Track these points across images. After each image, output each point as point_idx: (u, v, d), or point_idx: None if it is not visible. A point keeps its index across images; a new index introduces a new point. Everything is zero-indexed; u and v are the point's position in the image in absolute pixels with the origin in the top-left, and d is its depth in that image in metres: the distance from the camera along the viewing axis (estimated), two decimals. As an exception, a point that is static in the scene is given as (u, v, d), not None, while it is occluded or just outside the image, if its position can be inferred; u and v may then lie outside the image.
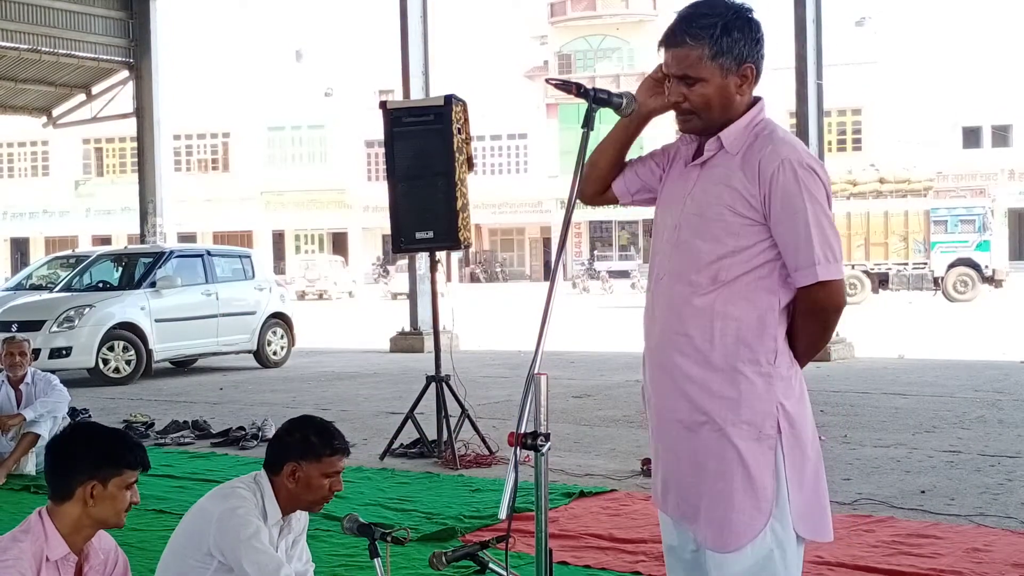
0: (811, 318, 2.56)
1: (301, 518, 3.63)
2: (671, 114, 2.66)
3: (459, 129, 7.53)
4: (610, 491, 6.34)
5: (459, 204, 7.47)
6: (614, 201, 2.84)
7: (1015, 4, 38.18)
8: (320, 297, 41.08)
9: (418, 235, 7.63)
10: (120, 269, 14.90)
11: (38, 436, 7.13)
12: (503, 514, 2.29)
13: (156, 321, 13.47)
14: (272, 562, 3.30)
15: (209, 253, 15.03)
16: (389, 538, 3.54)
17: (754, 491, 2.53)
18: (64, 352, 12.75)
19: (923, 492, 6.18)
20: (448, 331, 10.01)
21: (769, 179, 2.49)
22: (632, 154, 2.84)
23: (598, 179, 2.79)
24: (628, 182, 2.80)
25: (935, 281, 28.88)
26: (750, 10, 2.57)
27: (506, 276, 51.73)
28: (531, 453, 2.36)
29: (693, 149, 2.69)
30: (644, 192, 2.80)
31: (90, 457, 3.05)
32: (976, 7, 41.53)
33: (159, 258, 14.26)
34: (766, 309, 2.55)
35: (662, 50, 2.60)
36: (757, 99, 2.63)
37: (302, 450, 3.42)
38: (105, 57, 20.13)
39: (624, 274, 43.87)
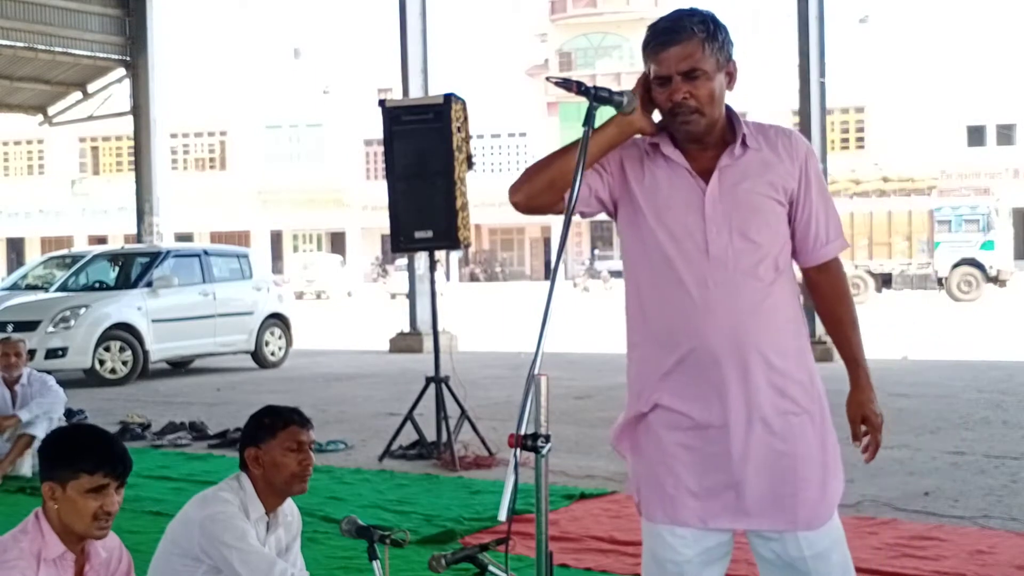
0: (842, 287, 2.77)
1: (292, 521, 3.61)
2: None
3: (459, 127, 7.49)
4: (611, 493, 6.30)
5: (459, 203, 7.43)
6: (559, 212, 2.65)
7: (1020, 2, 38.09)
8: (318, 297, 41.02)
9: (417, 234, 7.59)
10: (116, 269, 14.86)
11: (33, 437, 7.08)
12: (503, 516, 2.28)
13: (153, 321, 13.43)
14: (263, 561, 3.28)
15: (206, 253, 15.01)
16: (388, 540, 3.51)
17: (834, 462, 2.75)
18: (60, 353, 12.70)
19: (927, 494, 6.13)
20: (447, 331, 9.97)
21: (804, 161, 2.70)
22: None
23: (564, 188, 2.59)
24: (583, 195, 2.62)
25: (939, 281, 28.80)
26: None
27: (506, 276, 51.67)
28: (531, 455, 2.34)
29: (677, 154, 2.65)
30: (595, 204, 2.71)
31: (49, 459, 3.02)
32: (981, 5, 41.46)
33: (156, 258, 14.21)
34: (798, 291, 2.74)
35: (654, 55, 2.59)
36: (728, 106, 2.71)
37: (256, 434, 3.46)
38: (101, 55, 20.07)
39: (625, 273, 43.78)
